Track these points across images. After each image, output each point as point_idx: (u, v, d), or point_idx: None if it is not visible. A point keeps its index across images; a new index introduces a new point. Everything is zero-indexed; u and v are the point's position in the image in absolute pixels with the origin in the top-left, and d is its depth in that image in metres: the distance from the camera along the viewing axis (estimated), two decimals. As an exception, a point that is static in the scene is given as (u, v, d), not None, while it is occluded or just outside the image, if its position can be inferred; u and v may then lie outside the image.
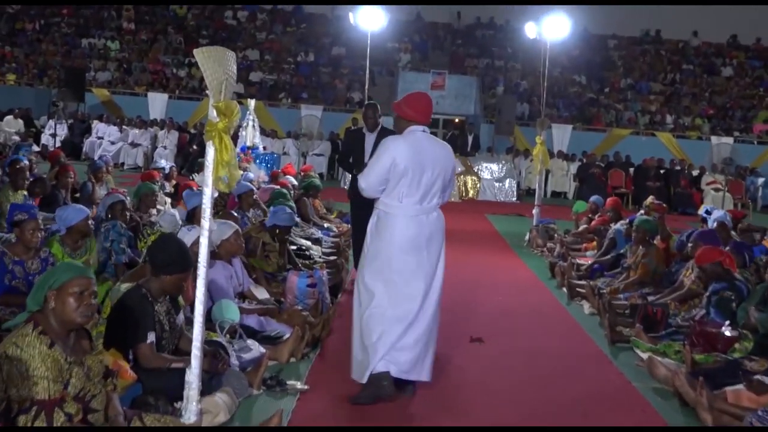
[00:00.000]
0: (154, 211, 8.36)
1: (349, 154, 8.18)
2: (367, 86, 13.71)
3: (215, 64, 3.74)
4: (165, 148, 20.85)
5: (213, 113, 3.78)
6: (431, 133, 5.02)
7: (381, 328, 4.69)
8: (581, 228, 11.32)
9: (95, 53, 28.52)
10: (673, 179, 20.35)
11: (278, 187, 9.63)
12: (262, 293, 6.07)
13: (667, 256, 8.29)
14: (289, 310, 5.89)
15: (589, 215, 11.34)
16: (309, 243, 9.18)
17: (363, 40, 16.08)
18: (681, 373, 4.97)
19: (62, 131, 21.94)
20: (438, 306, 4.89)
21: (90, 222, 6.06)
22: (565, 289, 8.36)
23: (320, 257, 8.78)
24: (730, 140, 24.01)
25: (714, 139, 24.34)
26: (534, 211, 12.37)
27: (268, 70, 28.17)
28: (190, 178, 12.22)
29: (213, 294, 5.61)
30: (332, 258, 8.81)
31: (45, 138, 21.27)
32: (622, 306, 7.20)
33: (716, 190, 19.44)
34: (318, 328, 5.68)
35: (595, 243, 10.35)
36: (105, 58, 28.18)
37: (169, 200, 9.78)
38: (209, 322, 5.20)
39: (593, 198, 11.45)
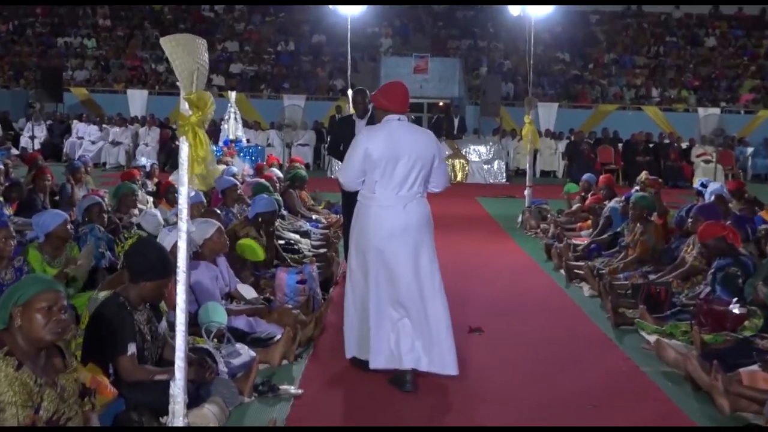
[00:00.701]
0: (135, 212, 8.08)
1: (339, 142, 7.89)
2: (349, 72, 13.40)
3: (184, 53, 3.46)
4: (147, 145, 20.48)
5: (185, 106, 3.51)
6: (416, 117, 5.12)
7: (370, 321, 4.72)
8: (574, 207, 11.10)
9: (72, 52, 28.05)
10: (663, 153, 20.18)
11: (261, 180, 9.34)
12: (249, 292, 5.81)
13: (666, 232, 8.08)
14: (279, 309, 5.63)
15: (582, 194, 11.13)
16: (297, 236, 8.92)
17: (343, 26, 15.73)
18: (693, 357, 4.75)
19: (41, 133, 21.54)
20: (436, 295, 4.76)
21: (69, 226, 5.76)
22: (562, 272, 8.13)
23: (309, 250, 8.53)
24: (717, 111, 23.85)
25: (701, 110, 24.16)
26: (525, 192, 12.14)
27: (248, 61, 27.79)
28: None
29: (198, 296, 5.35)
30: (322, 251, 8.56)
31: (24, 141, 20.89)
32: (623, 286, 6.98)
33: (706, 161, 19.30)
34: (310, 327, 5.43)
35: (589, 222, 10.13)
36: (82, 57, 27.70)
37: (151, 199, 9.48)
38: (195, 327, 4.95)
39: (585, 176, 11.23)
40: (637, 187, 9.33)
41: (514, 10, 14.29)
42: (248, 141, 17.03)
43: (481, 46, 29.01)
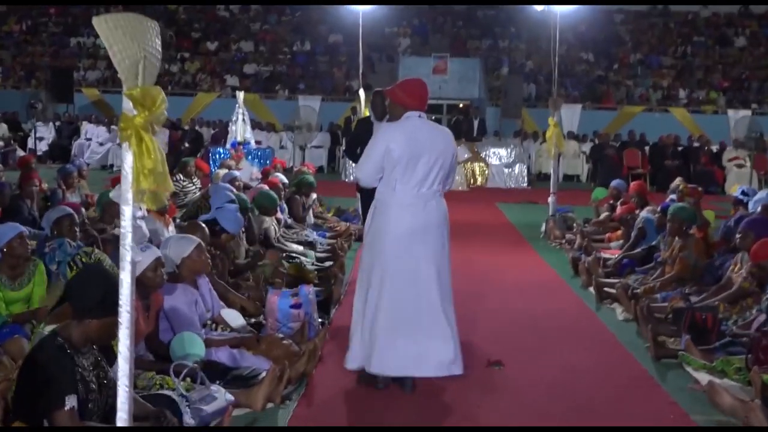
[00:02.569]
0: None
1: (357, 144, 7.65)
2: (361, 70, 12.63)
3: (126, 37, 2.75)
4: (155, 147, 19.83)
5: (127, 105, 2.80)
6: (435, 119, 4.71)
7: (376, 322, 4.53)
8: (603, 216, 10.28)
9: (84, 52, 27.60)
10: (693, 157, 19.23)
11: (264, 187, 8.58)
12: (236, 318, 5.06)
13: (707, 247, 7.28)
14: (267, 339, 4.88)
15: (611, 202, 10.31)
16: (301, 248, 8.20)
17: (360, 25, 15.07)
18: (756, 407, 3.97)
19: (49, 134, 21.04)
20: (445, 298, 4.63)
21: (27, 241, 5.06)
22: (592, 290, 7.36)
23: (313, 264, 7.81)
24: (748, 113, 22.92)
25: (731, 112, 23.26)
26: (549, 200, 11.33)
27: (264, 61, 27.19)
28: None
29: (174, 325, 4.65)
30: (327, 264, 7.85)
31: (32, 142, 20.36)
32: (661, 309, 6.19)
33: (739, 166, 18.36)
34: (302, 361, 4.68)
35: (619, 233, 9.34)
36: (95, 57, 27.22)
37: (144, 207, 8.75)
38: (167, 362, 4.25)
39: (615, 183, 10.39)
40: (673, 196, 8.51)
41: (538, 5, 13.47)
42: (258, 143, 16.36)
43: (502, 46, 28.22)
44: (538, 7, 13.72)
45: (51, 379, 3.15)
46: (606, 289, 7.12)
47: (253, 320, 5.47)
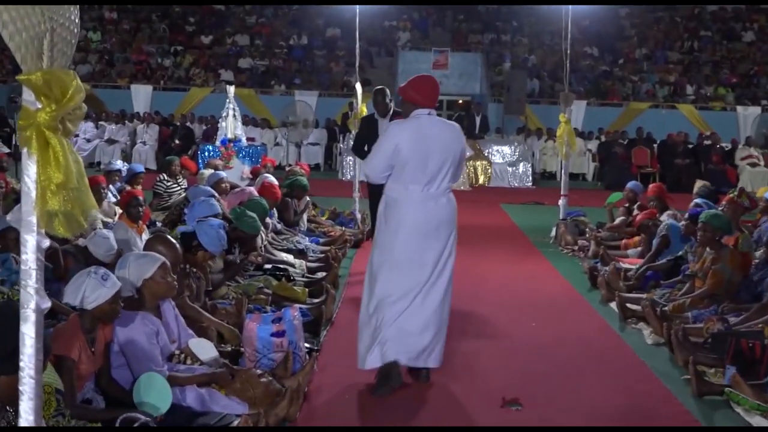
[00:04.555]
0: (102, 230, 6.62)
1: (364, 142, 8.11)
2: (357, 64, 11.84)
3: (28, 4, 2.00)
4: (144, 144, 19.08)
5: (28, 95, 2.06)
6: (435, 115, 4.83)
7: (386, 316, 4.54)
8: (618, 220, 9.53)
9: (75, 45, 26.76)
10: (703, 155, 18.48)
11: (255, 195, 7.66)
12: (207, 350, 4.28)
13: (743, 259, 6.52)
14: (243, 374, 4.12)
15: (626, 205, 9.56)
16: (290, 257, 7.44)
17: (359, 19, 14.29)
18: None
19: (35, 130, 20.30)
20: (447, 293, 4.71)
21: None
22: (613, 305, 6.61)
23: (304, 275, 7.06)
24: (757, 110, 22.22)
25: (740, 109, 22.53)
26: (560, 202, 10.58)
27: (259, 55, 26.40)
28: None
29: (131, 361, 3.89)
30: (319, 275, 7.10)
31: (17, 139, 19.61)
32: (695, 332, 5.46)
33: (753, 165, 17.62)
34: (283, 404, 3.92)
35: (637, 239, 8.61)
36: (85, 50, 26.41)
37: (119, 212, 7.99)
38: (113, 407, 3.51)
39: (630, 184, 9.62)
40: (699, 201, 7.73)
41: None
42: (251, 140, 15.57)
43: (503, 41, 27.43)
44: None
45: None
46: (630, 305, 6.38)
47: (230, 348, 4.73)
